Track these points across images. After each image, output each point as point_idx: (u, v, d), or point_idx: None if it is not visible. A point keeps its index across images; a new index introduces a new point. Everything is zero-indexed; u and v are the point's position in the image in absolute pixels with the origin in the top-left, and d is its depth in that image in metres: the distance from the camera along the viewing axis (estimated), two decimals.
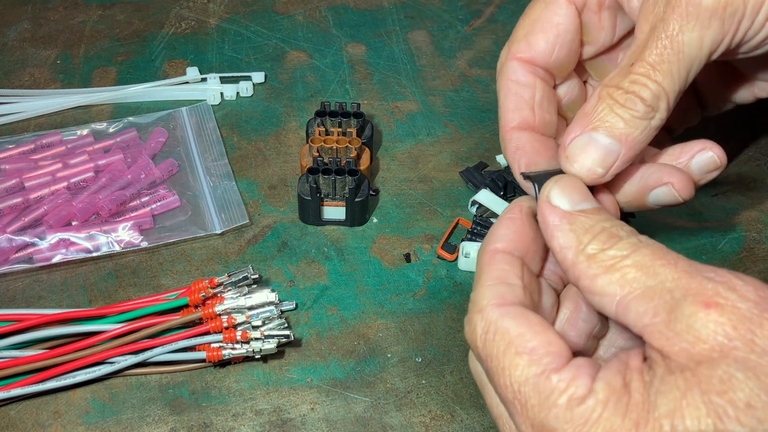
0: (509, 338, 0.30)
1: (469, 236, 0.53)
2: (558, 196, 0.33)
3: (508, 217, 0.35)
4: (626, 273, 0.29)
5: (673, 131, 0.49)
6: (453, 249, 0.53)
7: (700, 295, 0.27)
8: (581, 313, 0.36)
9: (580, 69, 0.44)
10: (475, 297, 0.33)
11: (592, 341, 0.36)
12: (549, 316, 0.35)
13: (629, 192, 0.40)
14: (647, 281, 0.29)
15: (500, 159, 0.59)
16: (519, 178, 0.41)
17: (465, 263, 0.52)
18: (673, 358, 0.27)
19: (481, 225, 0.53)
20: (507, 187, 0.56)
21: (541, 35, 0.40)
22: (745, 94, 0.47)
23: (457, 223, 0.55)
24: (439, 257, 0.53)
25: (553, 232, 0.32)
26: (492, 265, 0.33)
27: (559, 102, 0.44)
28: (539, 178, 0.38)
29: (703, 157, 0.42)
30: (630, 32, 0.42)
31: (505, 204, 0.53)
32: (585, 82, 0.46)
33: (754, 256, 0.54)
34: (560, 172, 0.39)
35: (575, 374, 0.28)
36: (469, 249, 0.51)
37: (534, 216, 0.36)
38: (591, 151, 0.37)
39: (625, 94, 0.36)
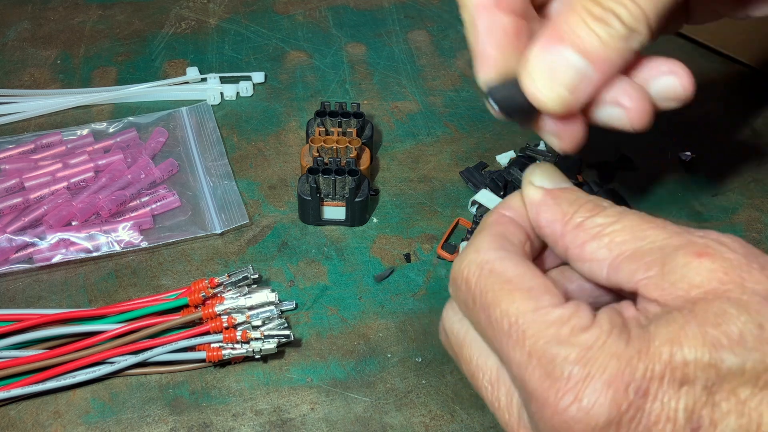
0: (507, 277, 0.30)
1: (469, 236, 0.53)
2: (540, 178, 0.33)
3: (521, 191, 0.34)
4: (615, 237, 0.29)
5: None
6: (453, 249, 0.53)
7: (692, 246, 0.28)
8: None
9: None
10: (473, 241, 0.32)
11: None
12: None
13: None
14: (637, 243, 0.29)
15: (500, 159, 0.59)
16: (481, 85, 0.36)
17: None
18: (669, 304, 0.27)
19: None
20: (507, 187, 0.56)
21: None
22: (735, 5, 0.41)
23: (457, 223, 0.55)
24: (439, 257, 0.53)
25: (539, 208, 0.32)
26: (498, 224, 0.33)
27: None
28: (504, 101, 0.35)
29: (666, 81, 0.36)
30: None
31: None
32: None
33: None
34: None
35: (576, 309, 0.28)
36: None
37: None
38: (558, 71, 0.32)
39: (602, 9, 0.31)
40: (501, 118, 0.38)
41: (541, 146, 0.60)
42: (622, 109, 0.34)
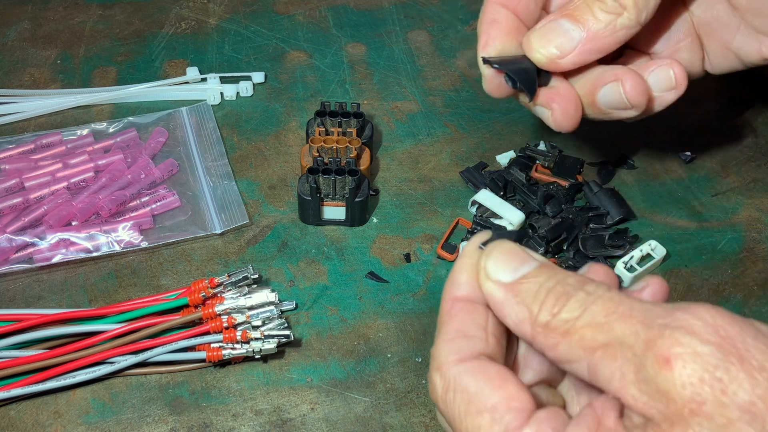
0: (468, 397, 0.29)
1: (469, 236, 0.53)
2: (495, 269, 0.31)
3: (466, 262, 0.32)
4: (584, 334, 0.28)
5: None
6: (453, 249, 0.53)
7: (659, 348, 0.25)
8: None
9: None
10: (435, 353, 0.31)
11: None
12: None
13: (583, 85, 0.42)
14: (607, 336, 0.27)
15: (500, 159, 0.59)
16: (480, 57, 0.43)
17: None
18: (653, 418, 0.26)
19: (482, 225, 0.53)
20: (507, 187, 0.56)
21: None
22: (750, 49, 0.46)
23: (457, 223, 0.55)
24: (439, 257, 0.53)
25: (503, 310, 0.30)
26: (451, 316, 0.32)
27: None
28: (502, 64, 0.41)
29: (661, 72, 0.42)
30: None
31: (505, 204, 0.53)
32: None
33: (754, 256, 0.54)
34: (523, 58, 0.41)
35: (540, 428, 0.27)
36: None
37: None
38: (552, 35, 0.40)
39: None
40: (494, 88, 0.45)
41: (541, 146, 0.60)
42: (619, 83, 0.41)
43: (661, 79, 0.42)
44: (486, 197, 0.54)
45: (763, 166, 0.60)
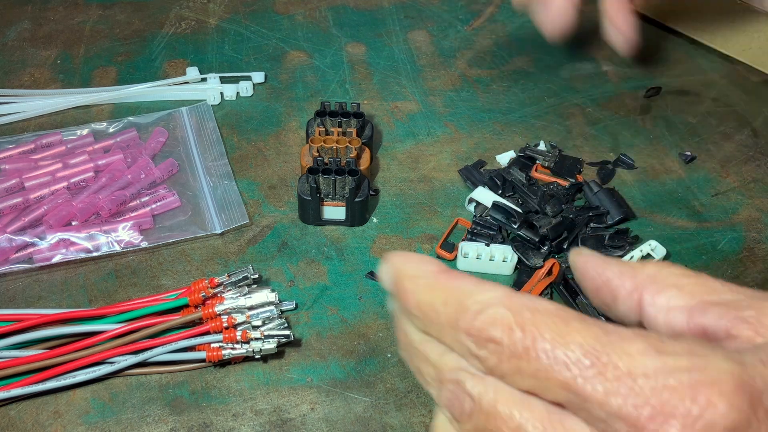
0: (557, 314, 0.24)
1: (469, 236, 0.53)
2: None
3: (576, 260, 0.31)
4: (692, 288, 0.27)
5: None
6: (452, 248, 0.53)
7: None
8: None
9: None
10: (477, 296, 0.26)
11: None
12: None
13: None
14: (716, 294, 0.27)
15: (500, 159, 0.59)
16: None
17: (463, 263, 0.52)
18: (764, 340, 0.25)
19: (481, 225, 0.53)
20: (505, 185, 0.56)
21: None
22: None
23: (456, 223, 0.55)
24: (438, 257, 0.53)
25: (606, 263, 0.29)
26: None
27: None
28: None
29: None
30: None
31: (502, 202, 0.53)
32: None
33: (754, 256, 0.54)
34: None
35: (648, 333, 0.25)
36: (468, 249, 0.51)
37: None
38: None
39: None
40: None
41: (541, 146, 0.60)
42: None
43: None
44: (482, 194, 0.54)
45: (763, 166, 0.60)
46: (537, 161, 0.58)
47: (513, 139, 0.61)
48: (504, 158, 0.59)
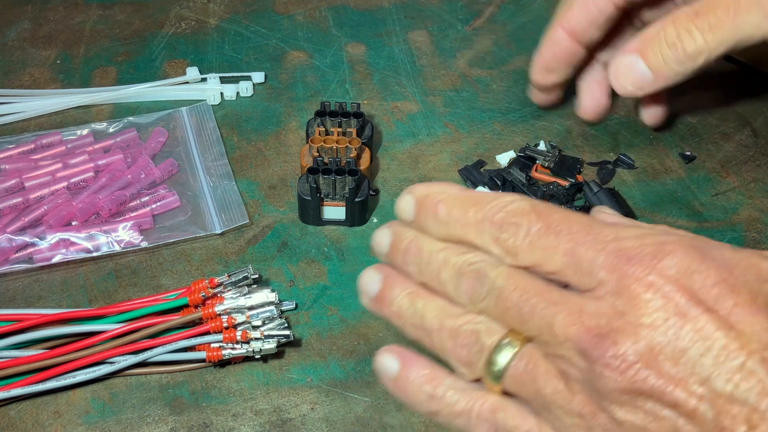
0: (567, 211, 0.32)
1: None
2: None
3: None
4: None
5: None
6: None
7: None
8: None
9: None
10: (502, 198, 0.33)
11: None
12: None
13: None
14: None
15: (500, 159, 0.59)
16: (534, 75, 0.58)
17: None
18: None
19: None
20: (506, 185, 0.56)
21: None
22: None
23: None
24: None
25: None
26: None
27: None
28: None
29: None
30: None
31: None
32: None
33: None
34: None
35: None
36: None
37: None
38: (630, 74, 0.49)
39: (677, 37, 0.46)
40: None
41: (541, 146, 0.60)
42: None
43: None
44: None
45: (763, 166, 0.60)
46: (537, 161, 0.58)
47: (513, 139, 0.61)
48: (504, 158, 0.59)
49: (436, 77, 0.68)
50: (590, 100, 0.60)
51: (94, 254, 0.52)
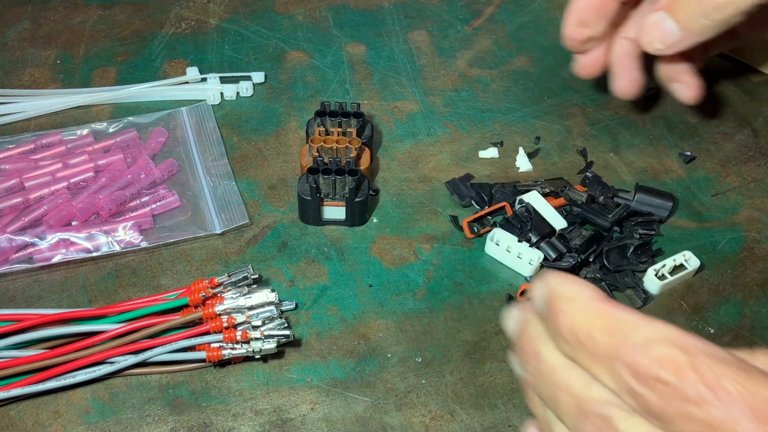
0: (737, 364, 0.24)
1: (505, 222, 0.53)
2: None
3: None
4: None
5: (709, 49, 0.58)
6: (478, 230, 0.53)
7: None
8: None
9: None
10: (643, 329, 0.25)
11: None
12: None
13: None
14: None
15: (482, 154, 0.59)
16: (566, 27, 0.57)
17: (491, 248, 0.52)
18: None
19: (520, 218, 0.53)
20: (492, 200, 0.55)
21: None
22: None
23: (501, 206, 0.54)
24: (460, 228, 0.54)
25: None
26: None
27: None
28: None
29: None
30: None
31: (550, 209, 0.53)
32: None
33: (754, 256, 0.54)
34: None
35: None
36: (501, 237, 0.51)
37: None
38: (657, 31, 0.50)
39: None
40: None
41: (526, 164, 0.60)
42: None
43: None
44: (534, 198, 0.53)
45: (763, 166, 0.60)
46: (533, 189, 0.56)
47: (513, 139, 0.61)
48: (486, 154, 0.59)
49: (436, 77, 0.68)
50: (624, 75, 0.58)
51: (94, 254, 0.52)
